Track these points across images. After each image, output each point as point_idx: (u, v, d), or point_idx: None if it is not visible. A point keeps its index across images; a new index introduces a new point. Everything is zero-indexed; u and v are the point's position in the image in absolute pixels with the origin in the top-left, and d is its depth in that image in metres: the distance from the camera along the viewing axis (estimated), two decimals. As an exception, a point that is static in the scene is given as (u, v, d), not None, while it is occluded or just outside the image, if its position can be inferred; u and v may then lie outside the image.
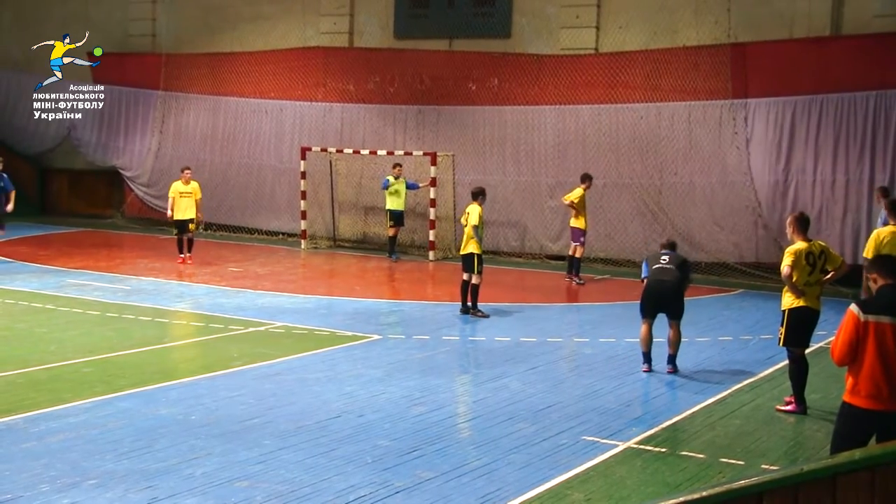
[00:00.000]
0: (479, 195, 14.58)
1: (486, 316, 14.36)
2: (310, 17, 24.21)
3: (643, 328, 11.32)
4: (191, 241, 19.41)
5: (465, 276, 14.49)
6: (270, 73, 24.19)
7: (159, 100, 25.87)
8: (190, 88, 25.37)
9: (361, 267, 20.06)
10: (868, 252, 11.46)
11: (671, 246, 11.73)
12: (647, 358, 11.35)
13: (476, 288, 14.42)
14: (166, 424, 8.78)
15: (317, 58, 23.72)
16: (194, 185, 19.23)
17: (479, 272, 14.35)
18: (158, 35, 26.64)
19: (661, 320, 11.28)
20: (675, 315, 11.23)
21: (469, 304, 14.50)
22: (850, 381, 6.48)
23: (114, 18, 26.79)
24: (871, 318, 6.29)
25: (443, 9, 22.62)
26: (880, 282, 6.57)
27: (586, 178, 18.11)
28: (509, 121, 21.39)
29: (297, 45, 24.18)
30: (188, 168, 19.68)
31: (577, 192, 17.90)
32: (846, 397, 6.53)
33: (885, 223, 15.85)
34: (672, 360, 11.32)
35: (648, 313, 11.31)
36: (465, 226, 14.44)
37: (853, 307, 6.41)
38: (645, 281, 11.39)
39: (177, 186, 19.21)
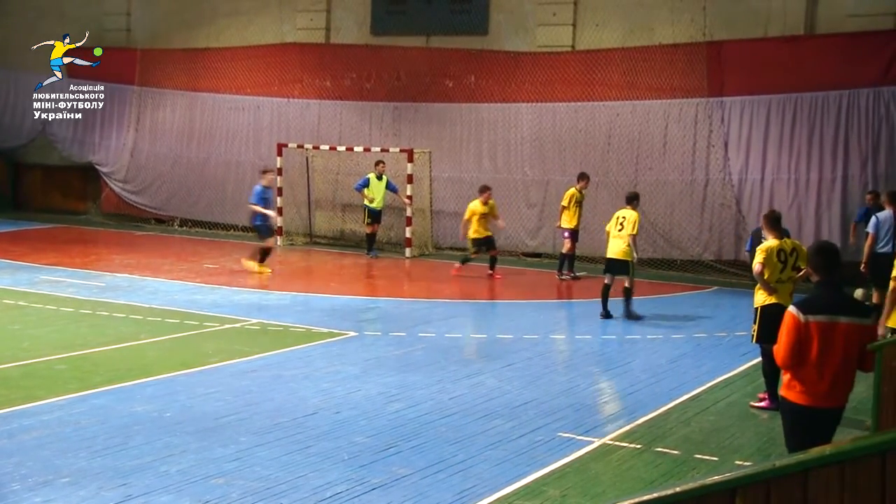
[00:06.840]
0: (633, 199, 14.29)
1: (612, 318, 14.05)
2: (286, 13, 24.12)
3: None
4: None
5: (608, 280, 14.09)
6: (247, 69, 24.11)
7: (135, 95, 25.72)
8: (166, 84, 25.22)
9: (338, 263, 20.04)
10: None
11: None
12: None
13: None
14: (141, 422, 8.72)
15: (293, 54, 23.66)
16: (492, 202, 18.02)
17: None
18: (133, 30, 26.44)
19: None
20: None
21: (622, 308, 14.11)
22: (786, 376, 6.47)
23: (88, 12, 26.51)
24: (811, 318, 6.25)
25: (420, 5, 22.57)
26: (816, 277, 6.50)
27: (580, 178, 18.10)
28: (486, 118, 21.40)
29: (273, 41, 24.09)
30: (488, 188, 18.17)
31: (568, 193, 17.92)
32: (782, 391, 6.51)
33: (861, 219, 16.07)
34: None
35: None
36: (619, 230, 13.88)
37: (792, 308, 6.37)
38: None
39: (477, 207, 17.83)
